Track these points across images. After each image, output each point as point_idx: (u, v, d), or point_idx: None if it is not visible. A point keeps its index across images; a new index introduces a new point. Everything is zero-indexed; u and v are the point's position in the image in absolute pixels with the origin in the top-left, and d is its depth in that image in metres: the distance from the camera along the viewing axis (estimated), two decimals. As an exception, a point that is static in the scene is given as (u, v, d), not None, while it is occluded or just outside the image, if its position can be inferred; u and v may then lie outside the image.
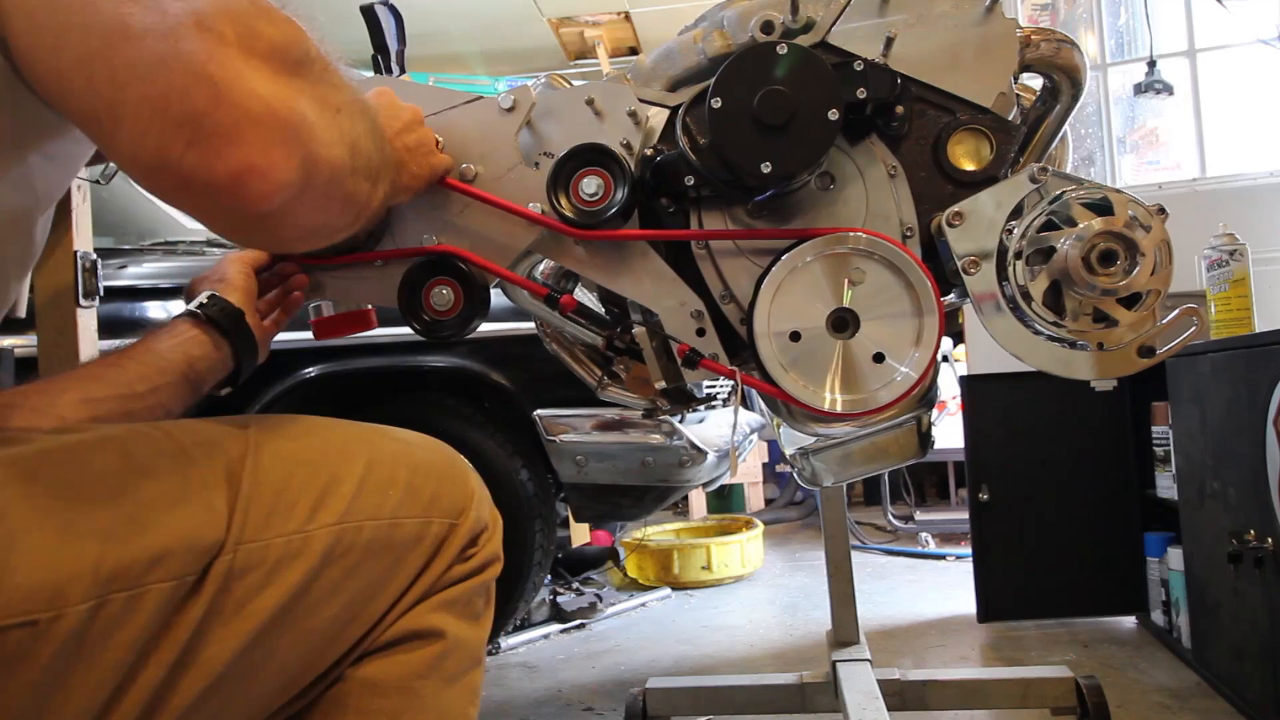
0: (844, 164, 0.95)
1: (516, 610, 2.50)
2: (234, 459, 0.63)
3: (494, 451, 2.41)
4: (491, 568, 0.78)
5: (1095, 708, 1.57)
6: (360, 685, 0.71)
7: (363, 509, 0.68)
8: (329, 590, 0.66)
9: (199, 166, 0.54)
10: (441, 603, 0.74)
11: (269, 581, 0.62)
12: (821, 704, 1.70)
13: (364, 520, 0.67)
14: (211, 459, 0.62)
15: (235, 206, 0.56)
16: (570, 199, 0.93)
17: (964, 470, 2.63)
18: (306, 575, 0.64)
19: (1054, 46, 0.98)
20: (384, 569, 0.70)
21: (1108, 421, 2.46)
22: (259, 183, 0.56)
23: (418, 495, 0.72)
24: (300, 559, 0.63)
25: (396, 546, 0.70)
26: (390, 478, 0.70)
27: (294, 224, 0.61)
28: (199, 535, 0.59)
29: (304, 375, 2.32)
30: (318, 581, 0.65)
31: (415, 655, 0.73)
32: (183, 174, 0.55)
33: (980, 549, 2.53)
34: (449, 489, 0.75)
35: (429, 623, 0.73)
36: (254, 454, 0.63)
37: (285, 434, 0.67)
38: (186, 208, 0.58)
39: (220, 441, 0.63)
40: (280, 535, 0.63)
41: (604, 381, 1.10)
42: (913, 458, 1.09)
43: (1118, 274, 0.87)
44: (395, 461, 0.72)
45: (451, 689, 0.74)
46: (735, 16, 0.97)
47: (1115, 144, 3.30)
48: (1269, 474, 1.63)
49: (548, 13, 5.21)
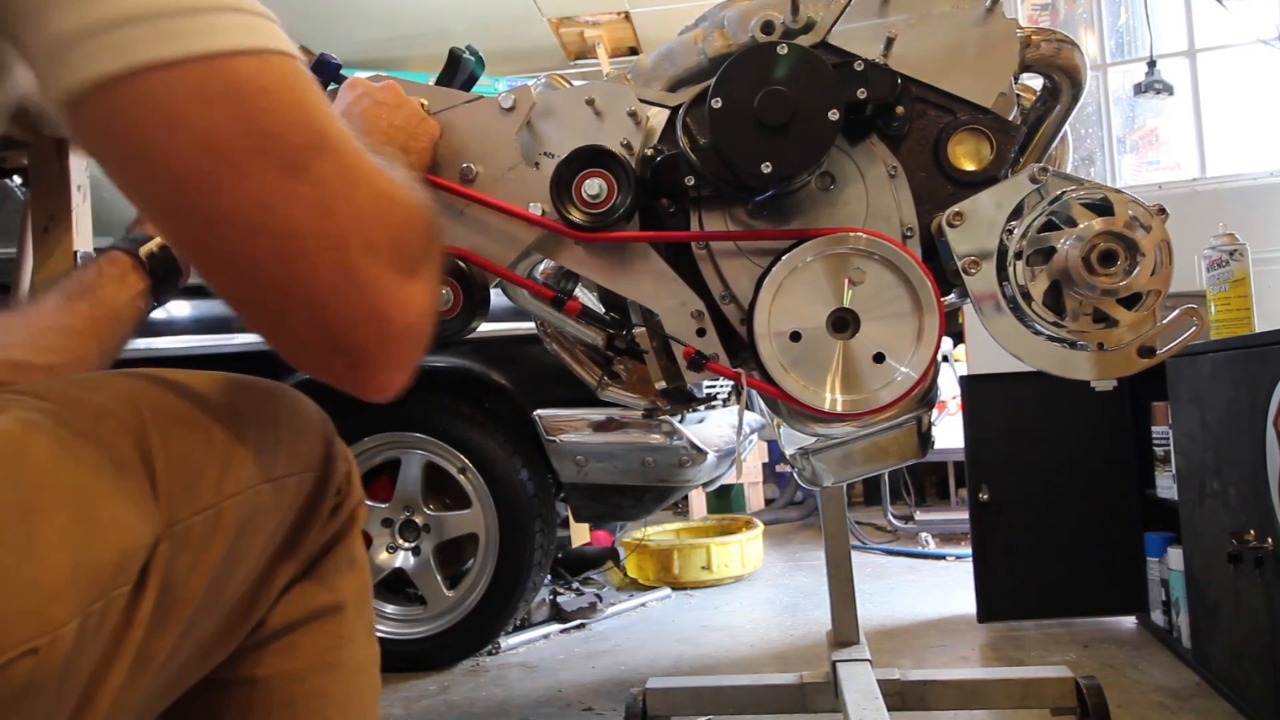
0: (844, 164, 0.95)
1: (516, 610, 2.50)
2: (136, 432, 0.57)
3: (494, 451, 2.42)
4: (359, 512, 0.78)
5: (1095, 708, 1.57)
6: (279, 678, 0.70)
7: (257, 473, 0.65)
8: (237, 562, 0.63)
9: (355, 382, 0.61)
10: (331, 571, 0.74)
11: (197, 563, 0.59)
12: (821, 704, 1.70)
13: (259, 484, 0.65)
14: (118, 435, 0.56)
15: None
16: (574, 202, 0.93)
17: (964, 470, 2.63)
18: (224, 550, 0.61)
19: (1054, 46, 0.98)
20: (274, 531, 0.68)
21: (1108, 421, 2.46)
22: (399, 388, 0.62)
23: (293, 451, 0.70)
24: (216, 535, 0.60)
25: (282, 508, 0.68)
26: (274, 436, 0.68)
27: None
28: (140, 529, 0.54)
29: (302, 375, 2.32)
30: (231, 555, 0.62)
31: (323, 631, 0.72)
32: (337, 380, 0.61)
33: (980, 549, 2.53)
34: (305, 437, 0.72)
35: (325, 598, 0.73)
36: (154, 426, 0.58)
37: (167, 396, 0.62)
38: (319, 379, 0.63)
39: (114, 411, 0.58)
40: (196, 512, 0.59)
41: (604, 381, 1.10)
42: (913, 458, 1.09)
43: (1118, 274, 0.87)
44: (271, 417, 0.70)
45: (359, 640, 0.75)
46: (735, 17, 0.97)
47: (1115, 144, 3.31)
48: (1269, 474, 1.63)
49: (548, 13, 5.21)
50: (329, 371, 0.60)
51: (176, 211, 0.55)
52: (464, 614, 2.44)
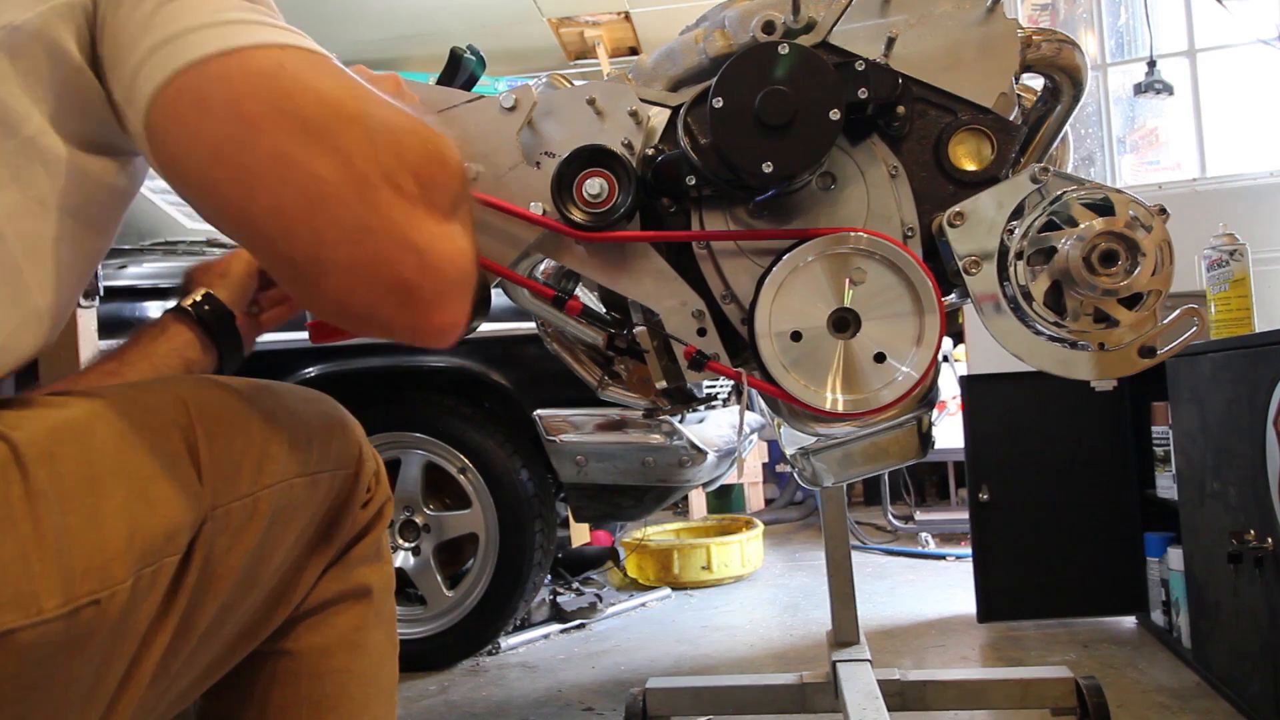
0: (845, 164, 0.95)
1: (516, 610, 2.50)
2: (184, 428, 0.65)
3: (494, 451, 2.42)
4: (387, 507, 0.85)
5: (1095, 708, 1.57)
6: (309, 651, 0.78)
7: (291, 468, 0.72)
8: (273, 548, 0.71)
9: (408, 324, 0.63)
10: (360, 559, 0.81)
11: (234, 544, 0.66)
12: (821, 704, 1.70)
13: (293, 478, 0.72)
14: (168, 429, 0.64)
15: (434, 344, 0.65)
16: (575, 201, 0.93)
17: (964, 470, 2.63)
18: (260, 535, 0.68)
19: (1055, 47, 0.98)
20: (311, 522, 0.75)
21: (1108, 421, 2.46)
22: (456, 331, 0.65)
23: (325, 450, 0.76)
24: (254, 520, 0.68)
25: (317, 501, 0.75)
26: (307, 436, 0.74)
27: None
28: (189, 506, 0.62)
29: (304, 375, 2.33)
30: (268, 540, 0.69)
31: (351, 613, 0.80)
32: (391, 327, 0.63)
33: (980, 549, 2.53)
34: (340, 439, 0.79)
35: (354, 581, 0.80)
36: (200, 423, 0.66)
37: (211, 398, 0.70)
38: (377, 335, 0.66)
39: (164, 409, 0.65)
40: (236, 499, 0.66)
41: (604, 381, 1.10)
42: (913, 458, 1.09)
43: (1119, 274, 0.87)
44: (305, 419, 0.76)
45: (383, 626, 0.83)
46: (737, 16, 0.97)
47: (1115, 144, 3.31)
48: (1269, 474, 1.63)
49: (548, 13, 5.21)
50: (380, 316, 0.62)
51: (215, 186, 0.61)
52: (464, 614, 2.44)
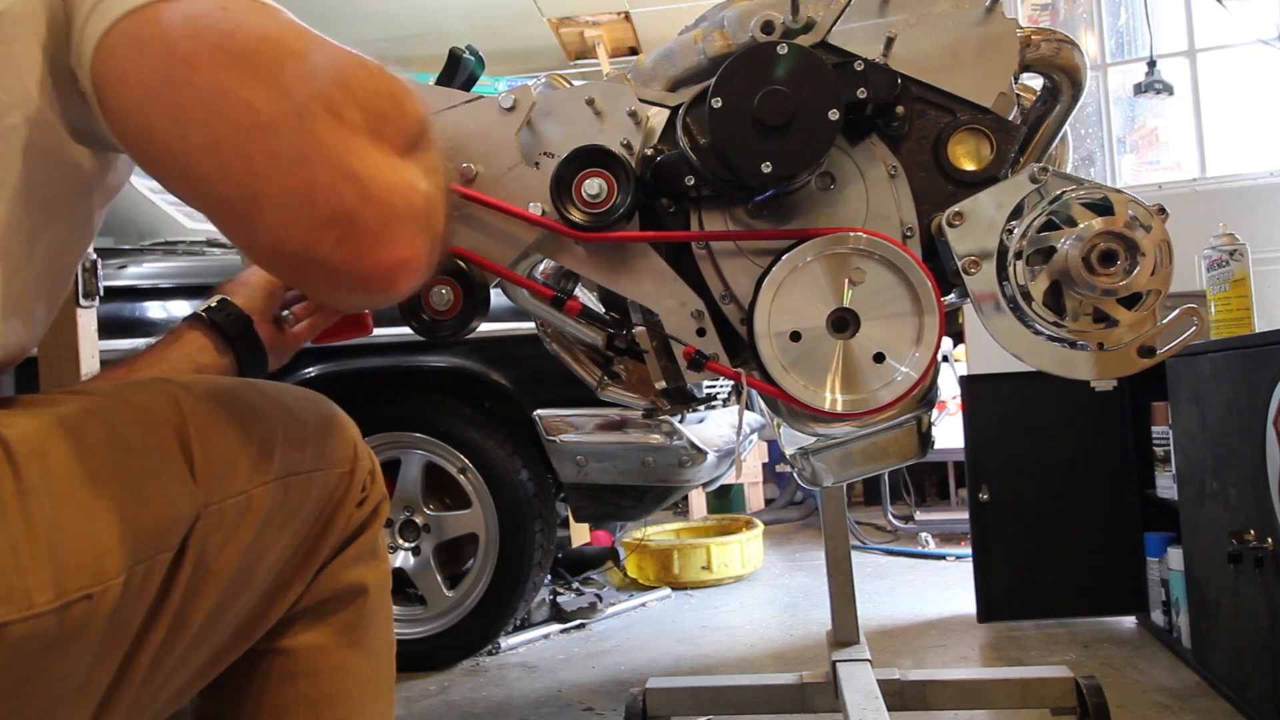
0: (844, 164, 0.95)
1: (516, 610, 2.50)
2: (177, 426, 0.65)
3: (494, 451, 2.41)
4: (383, 506, 0.84)
5: (1095, 708, 1.57)
6: (305, 650, 0.77)
7: (285, 466, 0.71)
8: (267, 546, 0.70)
9: (349, 261, 0.57)
10: (355, 557, 0.80)
11: (228, 541, 0.66)
12: (821, 704, 1.70)
13: (287, 476, 0.71)
14: (161, 427, 0.64)
15: (382, 295, 0.60)
16: (574, 201, 0.93)
17: (964, 470, 2.62)
18: (255, 533, 0.68)
19: (1054, 46, 0.98)
20: (306, 520, 0.75)
21: (1108, 421, 2.46)
22: (406, 274, 0.60)
23: (320, 448, 0.76)
24: (247, 518, 0.67)
25: (311, 500, 0.75)
26: (301, 434, 0.74)
27: (415, 285, 0.64)
28: (182, 503, 0.62)
29: (304, 375, 2.32)
30: (261, 538, 0.69)
31: (347, 611, 0.80)
32: (331, 267, 0.58)
33: (980, 549, 2.53)
34: (334, 437, 0.78)
35: (350, 580, 0.80)
36: (193, 421, 0.65)
37: (206, 397, 0.69)
38: (322, 291, 0.63)
39: (157, 407, 0.65)
40: (229, 496, 0.66)
41: (604, 381, 1.10)
42: (913, 458, 1.09)
43: (1118, 274, 0.87)
44: (299, 418, 0.75)
45: (380, 625, 0.83)
46: (735, 16, 0.97)
47: (1115, 144, 3.31)
48: (1269, 474, 1.63)
49: (548, 13, 5.21)
50: (318, 253, 0.57)
51: (150, 128, 0.59)
52: (464, 614, 2.44)
